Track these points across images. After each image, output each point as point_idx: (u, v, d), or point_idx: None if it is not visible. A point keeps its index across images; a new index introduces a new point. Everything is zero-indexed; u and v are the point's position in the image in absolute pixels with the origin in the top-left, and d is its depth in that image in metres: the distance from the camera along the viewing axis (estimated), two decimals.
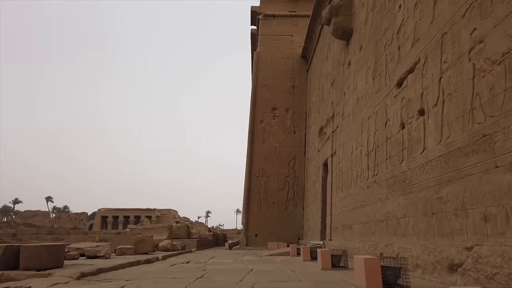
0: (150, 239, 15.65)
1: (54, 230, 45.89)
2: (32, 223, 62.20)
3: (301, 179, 27.25)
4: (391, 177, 9.65)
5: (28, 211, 80.00)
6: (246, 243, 26.04)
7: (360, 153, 12.72)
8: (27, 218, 73.20)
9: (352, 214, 13.15)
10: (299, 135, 28.19)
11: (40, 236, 37.15)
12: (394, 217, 9.27)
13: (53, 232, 43.31)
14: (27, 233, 40.16)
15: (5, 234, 38.02)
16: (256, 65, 29.52)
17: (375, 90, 11.56)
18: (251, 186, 27.21)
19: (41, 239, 33.30)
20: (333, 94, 18.18)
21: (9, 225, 56.04)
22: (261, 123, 28.47)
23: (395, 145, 9.57)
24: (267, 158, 27.73)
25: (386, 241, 9.42)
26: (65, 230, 46.68)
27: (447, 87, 7.12)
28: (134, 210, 70.33)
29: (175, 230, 25.82)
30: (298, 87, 29.10)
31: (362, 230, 11.89)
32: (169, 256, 15.88)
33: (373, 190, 11.02)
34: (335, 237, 15.73)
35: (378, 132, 10.95)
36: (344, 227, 14.20)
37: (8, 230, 44.74)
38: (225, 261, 13.02)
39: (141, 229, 20.08)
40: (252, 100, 28.92)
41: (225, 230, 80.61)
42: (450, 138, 6.83)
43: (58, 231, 44.19)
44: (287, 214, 26.75)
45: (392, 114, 9.93)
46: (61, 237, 34.66)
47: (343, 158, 15.24)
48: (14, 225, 55.84)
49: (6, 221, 68.23)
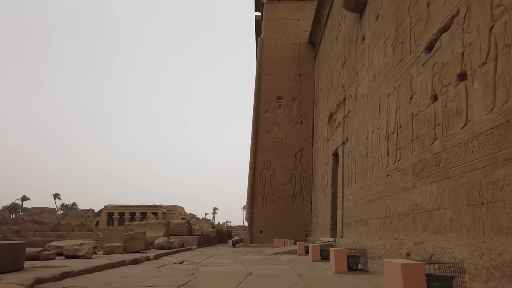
0: (142, 236, 14.13)
1: (58, 227, 45.03)
2: (39, 220, 61.72)
3: (308, 172, 25.55)
4: (419, 162, 7.97)
5: (35, 208, 79.72)
6: (251, 240, 24.47)
7: (377, 137, 11.02)
8: (34, 215, 72.94)
9: (368, 208, 11.48)
10: (306, 126, 26.46)
11: (44, 232, 36.21)
12: (423, 210, 7.60)
13: (58, 229, 42.41)
14: (31, 229, 39.25)
15: (9, 231, 37.13)
16: (260, 52, 27.79)
17: (396, 61, 9.84)
18: (256, 179, 25.58)
19: (45, 235, 32.33)
20: (344, 76, 16.45)
21: (17, 221, 55.58)
22: (266, 113, 26.80)
23: (423, 123, 7.87)
24: (272, 150, 26.07)
25: (414, 239, 7.75)
26: (70, 227, 45.77)
27: (502, 37, 5.42)
28: (140, 206, 69.54)
29: (175, 227, 24.35)
30: (305, 74, 27.33)
31: (381, 225, 10.22)
32: (164, 255, 14.36)
33: (395, 179, 9.34)
34: (347, 234, 14.07)
35: (401, 110, 9.25)
36: (358, 223, 12.53)
37: (12, 227, 43.92)
38: (222, 261, 11.45)
39: (135, 225, 18.60)
40: (256, 89, 27.23)
41: (232, 227, 79.78)
42: (508, 103, 5.14)
43: (62, 228, 43.26)
44: (293, 210, 25.10)
45: (419, 85, 8.23)
46: (65, 234, 33.64)
47: (356, 145, 13.55)
48: (22, 222, 55.36)
49: (14, 218, 67.85)
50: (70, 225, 50.30)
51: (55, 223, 58.58)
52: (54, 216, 77.88)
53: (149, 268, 9.42)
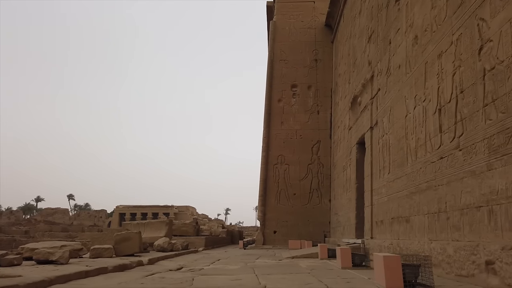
0: (136, 237, 12.06)
1: (68, 228, 43.66)
2: (52, 221, 61.01)
3: (326, 167, 23.22)
4: (498, 133, 5.68)
5: (48, 209, 79.59)
6: (263, 241, 22.26)
7: (423, 112, 8.72)
8: (47, 215, 72.65)
9: (410, 202, 9.18)
10: (324, 116, 24.14)
11: (53, 233, 34.71)
12: (508, 199, 5.31)
13: (67, 229, 40.97)
14: (40, 230, 37.84)
15: (18, 232, 35.80)
16: (272, 37, 25.57)
17: (452, 9, 7.54)
18: (268, 175, 23.36)
19: (54, 236, 30.80)
20: (371, 51, 14.15)
21: (30, 222, 54.87)
22: (279, 103, 24.56)
23: (506, 77, 5.58)
24: (286, 142, 23.82)
25: (500, 242, 5.45)
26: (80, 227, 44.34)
27: None
28: (151, 207, 68.39)
29: (181, 227, 22.35)
30: (322, 60, 25.01)
31: (431, 223, 7.92)
32: (161, 258, 12.28)
33: (454, 161, 7.04)
34: (379, 234, 11.76)
35: (463, 69, 6.95)
36: (395, 221, 10.23)
37: (22, 227, 42.74)
38: (228, 268, 9.29)
39: (134, 225, 16.60)
40: (268, 77, 25.01)
41: (244, 228, 78.08)
42: None
43: (72, 229, 41.83)
44: (310, 208, 22.80)
45: (496, 28, 5.94)
46: (75, 235, 32.04)
47: (390, 127, 11.24)
48: (35, 222, 54.62)
49: (27, 219, 67.43)
50: (82, 225, 49.18)
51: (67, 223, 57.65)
52: (67, 216, 77.44)
53: (133, 278, 7.32)
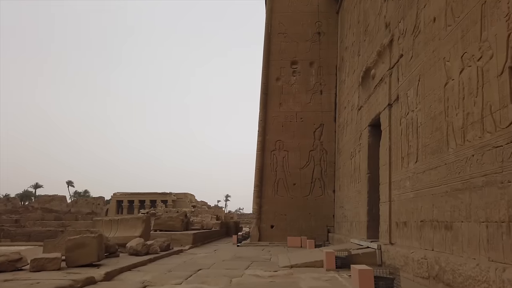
0: (93, 242, 9.54)
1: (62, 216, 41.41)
2: (50, 208, 59.15)
3: (330, 153, 20.66)
4: None
5: (45, 196, 78.32)
6: (259, 237, 19.85)
7: (478, 75, 6.09)
8: (44, 202, 71.25)
9: (454, 202, 6.63)
10: (328, 96, 21.45)
11: (45, 222, 32.53)
12: None
13: (61, 217, 38.71)
14: (31, 218, 35.59)
15: (8, 221, 33.56)
16: (270, 6, 22.67)
17: None
18: (265, 162, 20.82)
19: (46, 225, 28.63)
20: (390, 10, 11.41)
21: (27, 209, 52.89)
22: (277, 82, 21.83)
23: None
24: (285, 126, 21.20)
25: None
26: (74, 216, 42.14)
27: None
28: (149, 194, 66.79)
29: (167, 221, 19.93)
30: (326, 33, 22.17)
31: (492, 236, 5.38)
32: (127, 268, 9.80)
33: None
34: (401, 240, 9.26)
35: None
36: (427, 225, 7.70)
37: (12, 216, 40.54)
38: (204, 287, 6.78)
39: (105, 222, 14.10)
40: (265, 52, 22.22)
41: (244, 215, 76.39)
42: None
43: (66, 217, 39.56)
44: (312, 199, 20.33)
45: None
46: (67, 223, 29.78)
47: (419, 102, 8.61)
48: (32, 209, 52.67)
49: (25, 206, 65.66)
50: (80, 212, 47.35)
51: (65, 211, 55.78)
52: (64, 203, 75.86)
53: None
